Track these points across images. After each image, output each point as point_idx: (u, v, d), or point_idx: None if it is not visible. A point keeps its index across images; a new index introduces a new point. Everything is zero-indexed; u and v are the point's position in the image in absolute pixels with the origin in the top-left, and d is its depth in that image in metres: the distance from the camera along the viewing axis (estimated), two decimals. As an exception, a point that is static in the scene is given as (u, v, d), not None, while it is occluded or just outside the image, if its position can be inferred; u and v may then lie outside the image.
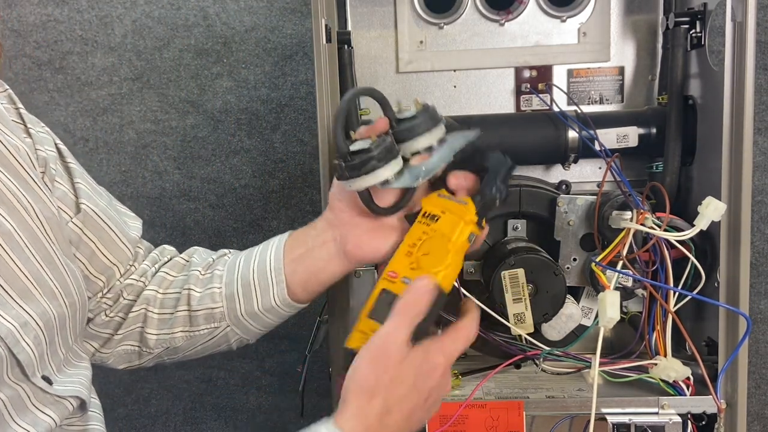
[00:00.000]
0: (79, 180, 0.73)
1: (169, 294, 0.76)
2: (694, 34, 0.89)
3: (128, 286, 0.76)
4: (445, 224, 0.66)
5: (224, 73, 1.31)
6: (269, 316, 0.75)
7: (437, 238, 0.66)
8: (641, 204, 0.80)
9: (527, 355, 0.86)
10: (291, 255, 0.72)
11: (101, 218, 0.73)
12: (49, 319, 0.61)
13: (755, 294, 1.32)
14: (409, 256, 0.66)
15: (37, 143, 0.69)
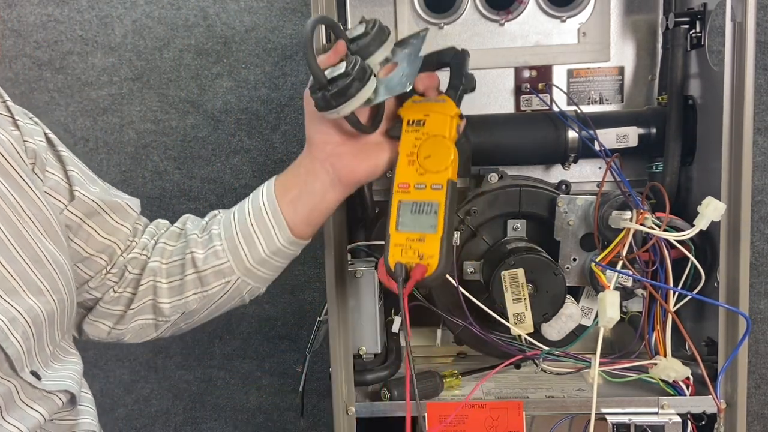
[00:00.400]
0: (72, 167, 0.74)
1: (173, 262, 0.77)
2: (694, 34, 0.89)
3: (132, 260, 0.78)
4: (434, 125, 0.70)
5: (224, 73, 1.31)
6: (277, 259, 0.76)
7: (432, 139, 0.70)
8: (641, 204, 0.80)
9: (527, 355, 0.86)
10: (286, 197, 0.74)
11: (96, 202, 0.74)
12: (36, 315, 0.61)
13: (755, 294, 1.32)
14: (412, 164, 0.70)
15: (26, 135, 0.69)
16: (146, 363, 1.45)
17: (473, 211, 0.90)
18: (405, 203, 0.69)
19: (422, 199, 0.69)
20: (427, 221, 0.68)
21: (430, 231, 0.67)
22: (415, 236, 0.68)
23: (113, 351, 1.44)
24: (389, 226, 0.69)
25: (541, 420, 0.90)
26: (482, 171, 0.94)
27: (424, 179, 0.69)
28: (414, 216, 0.68)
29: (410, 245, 0.68)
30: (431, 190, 0.69)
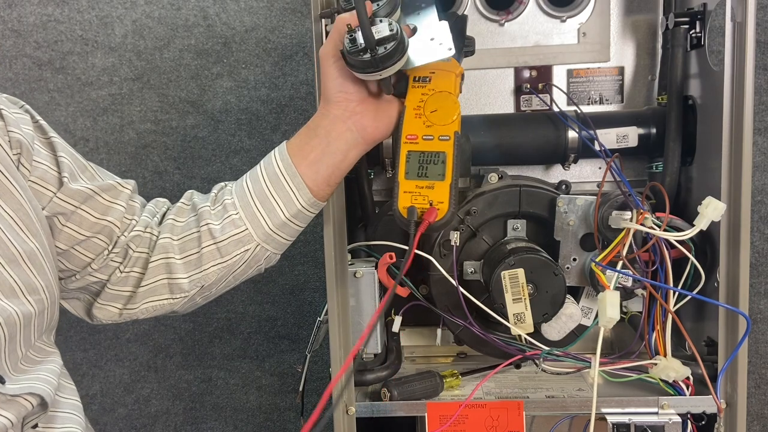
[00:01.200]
0: (63, 154, 0.73)
1: (186, 236, 0.77)
2: (694, 34, 0.89)
3: (135, 238, 0.77)
4: (440, 81, 0.74)
5: (224, 73, 1.31)
6: (296, 222, 0.77)
7: (438, 95, 0.74)
8: (641, 204, 0.80)
9: (527, 355, 0.86)
10: (306, 160, 0.75)
11: (87, 187, 0.74)
12: (9, 316, 0.60)
13: (755, 294, 1.32)
14: (419, 117, 0.74)
15: (10, 125, 0.68)
16: (146, 363, 1.45)
17: (473, 211, 0.90)
18: (413, 153, 0.73)
19: (430, 149, 0.72)
20: (436, 170, 0.72)
21: (439, 179, 0.71)
22: (425, 184, 0.71)
23: (113, 351, 1.44)
24: (398, 174, 0.72)
25: (541, 420, 0.90)
26: (482, 171, 0.94)
27: (431, 131, 0.73)
28: (422, 165, 0.72)
29: (420, 192, 0.71)
30: (439, 141, 0.72)
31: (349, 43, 0.68)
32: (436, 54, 0.71)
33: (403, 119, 0.74)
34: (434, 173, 0.71)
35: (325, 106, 0.74)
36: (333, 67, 0.72)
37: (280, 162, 0.75)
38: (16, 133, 0.68)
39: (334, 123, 0.74)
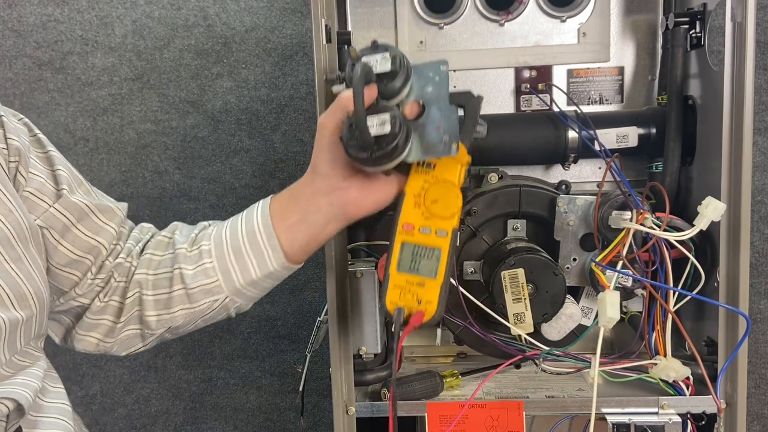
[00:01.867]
0: (60, 167, 0.73)
1: (160, 274, 0.76)
2: (694, 34, 0.89)
3: (117, 266, 0.76)
4: (444, 170, 0.70)
5: (224, 73, 1.31)
6: (268, 281, 0.76)
7: (441, 185, 0.70)
8: (641, 204, 0.80)
9: (527, 355, 0.86)
10: (285, 222, 0.73)
11: (84, 202, 0.73)
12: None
13: (755, 294, 1.32)
14: (419, 206, 0.70)
15: (10, 132, 0.67)
16: (146, 363, 1.45)
17: (473, 211, 0.90)
18: (407, 245, 0.69)
19: (426, 243, 0.69)
20: (429, 266, 0.69)
21: (430, 276, 0.68)
22: (415, 280, 0.69)
23: (113, 351, 1.44)
24: (390, 265, 0.70)
25: (541, 420, 0.90)
26: (482, 171, 0.94)
27: (429, 224, 0.69)
28: (416, 259, 0.69)
29: (409, 288, 0.69)
30: (435, 236, 0.69)
31: (348, 132, 0.65)
32: (441, 151, 0.66)
33: (402, 206, 0.71)
34: (427, 269, 0.69)
35: (310, 174, 0.72)
36: (327, 140, 0.68)
37: (260, 220, 0.74)
38: (15, 141, 0.68)
39: (315, 195, 0.71)
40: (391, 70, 0.66)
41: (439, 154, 0.66)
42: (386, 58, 0.66)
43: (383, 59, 0.66)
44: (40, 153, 0.73)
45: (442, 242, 0.69)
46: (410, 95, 0.68)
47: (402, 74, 0.66)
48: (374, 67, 0.66)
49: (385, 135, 0.63)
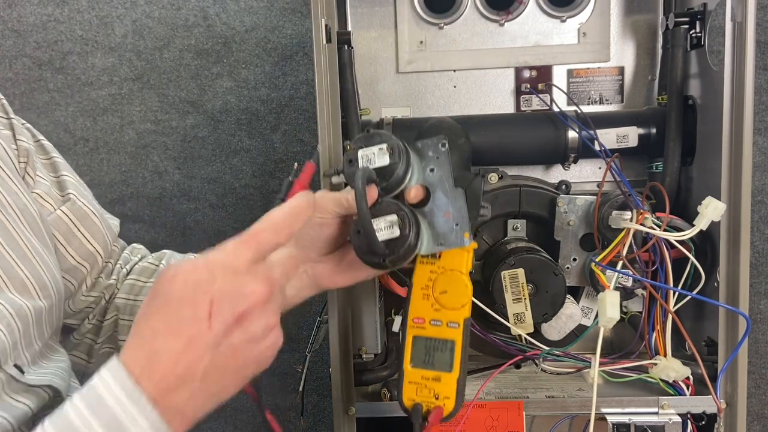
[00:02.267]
0: (65, 172, 0.74)
1: (140, 302, 0.77)
2: (694, 34, 0.89)
3: (108, 286, 0.77)
4: (450, 259, 0.68)
5: (224, 73, 1.31)
6: None
7: (449, 275, 0.68)
8: (641, 204, 0.80)
9: (527, 355, 0.86)
10: None
11: (88, 207, 0.74)
12: (21, 308, 0.60)
13: (755, 294, 1.32)
14: (427, 298, 0.68)
15: (19, 134, 0.69)
16: (146, 363, 1.45)
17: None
18: (419, 339, 0.68)
19: (438, 336, 0.68)
20: (443, 359, 0.67)
21: (446, 370, 0.67)
22: (431, 375, 0.67)
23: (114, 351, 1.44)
24: (404, 360, 0.68)
25: (541, 420, 0.90)
26: (482, 171, 0.94)
27: (440, 315, 0.68)
28: (429, 353, 0.68)
29: (425, 384, 0.67)
30: (447, 328, 0.68)
31: (356, 237, 0.63)
32: (453, 242, 0.65)
33: (410, 299, 0.69)
34: (441, 362, 0.67)
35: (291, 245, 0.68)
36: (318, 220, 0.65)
37: None
38: (24, 143, 0.69)
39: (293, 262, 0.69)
40: (390, 163, 0.64)
41: (452, 245, 0.65)
42: (383, 151, 0.64)
43: (380, 152, 0.64)
44: (44, 159, 0.74)
45: (455, 334, 0.67)
46: (412, 179, 0.66)
47: (402, 164, 0.64)
48: (372, 161, 0.64)
49: (395, 238, 0.62)
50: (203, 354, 0.48)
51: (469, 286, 0.68)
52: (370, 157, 0.64)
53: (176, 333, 0.47)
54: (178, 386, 0.47)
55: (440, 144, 0.67)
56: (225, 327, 0.48)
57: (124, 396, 0.45)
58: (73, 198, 0.72)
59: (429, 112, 1.01)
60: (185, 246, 1.35)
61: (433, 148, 0.67)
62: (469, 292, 0.68)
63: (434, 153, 0.67)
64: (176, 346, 0.47)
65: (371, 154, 0.64)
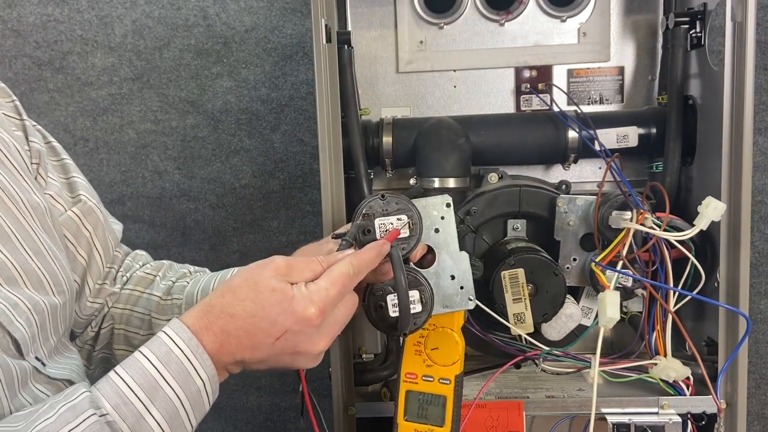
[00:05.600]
0: (75, 174, 0.75)
1: (135, 313, 0.78)
2: (694, 34, 0.89)
3: (113, 294, 0.78)
4: (442, 316, 0.69)
5: (224, 73, 1.31)
6: None
7: (440, 332, 0.70)
8: (641, 204, 0.80)
9: (527, 355, 0.86)
10: None
11: (98, 208, 0.75)
12: (37, 303, 0.61)
13: (755, 294, 1.32)
14: (419, 354, 0.71)
15: (31, 135, 0.70)
16: (146, 363, 1.45)
17: (473, 211, 0.90)
18: (412, 393, 0.71)
19: (430, 391, 0.71)
20: (435, 413, 0.71)
21: (438, 424, 0.70)
22: (424, 429, 0.71)
23: (113, 351, 1.44)
24: (397, 414, 0.71)
25: (541, 420, 0.90)
26: (482, 171, 0.94)
27: (432, 372, 0.71)
28: (423, 406, 0.71)
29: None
30: (439, 384, 0.71)
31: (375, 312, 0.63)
32: (458, 304, 0.67)
33: (403, 354, 0.71)
34: (434, 416, 0.70)
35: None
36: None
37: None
38: (36, 144, 0.70)
39: None
40: (409, 236, 0.64)
41: (456, 308, 0.67)
42: (402, 222, 0.64)
43: (399, 223, 0.64)
44: (55, 161, 0.75)
45: (446, 390, 0.70)
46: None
47: (417, 235, 0.64)
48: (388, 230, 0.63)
49: (417, 313, 0.64)
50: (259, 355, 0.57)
51: (459, 345, 0.70)
52: (387, 228, 0.64)
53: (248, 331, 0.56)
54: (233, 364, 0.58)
55: (445, 204, 0.67)
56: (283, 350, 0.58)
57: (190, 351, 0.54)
58: (83, 199, 0.73)
59: (429, 112, 1.01)
60: (185, 246, 1.35)
61: (438, 207, 0.68)
62: (460, 350, 0.70)
63: (438, 213, 0.67)
64: (244, 340, 0.56)
65: (389, 224, 0.64)
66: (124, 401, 0.51)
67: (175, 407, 0.53)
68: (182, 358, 0.53)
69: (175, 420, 0.53)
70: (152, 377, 0.52)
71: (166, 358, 0.53)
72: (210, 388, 0.55)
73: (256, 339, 0.56)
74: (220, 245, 1.36)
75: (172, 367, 0.53)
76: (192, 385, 0.54)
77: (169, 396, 0.52)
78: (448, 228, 0.67)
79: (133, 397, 0.51)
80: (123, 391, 0.51)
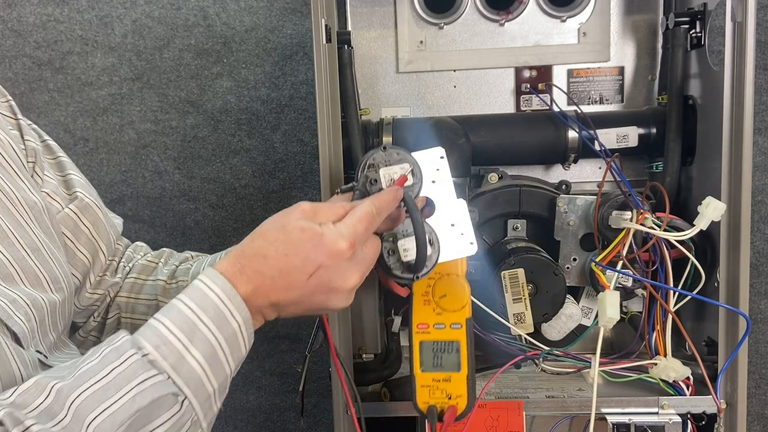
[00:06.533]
0: (71, 171, 0.75)
1: (141, 300, 0.78)
2: (694, 34, 0.89)
3: (114, 285, 0.78)
4: (446, 264, 0.69)
5: (224, 73, 1.31)
6: None
7: (446, 279, 0.71)
8: (641, 204, 0.80)
9: (527, 355, 0.86)
10: None
11: (96, 204, 0.75)
12: (36, 299, 0.61)
13: (755, 294, 1.32)
14: (428, 304, 0.71)
15: (26, 134, 0.70)
16: (146, 363, 1.45)
17: (473, 211, 0.90)
18: (426, 343, 0.71)
19: (443, 339, 0.71)
20: (451, 360, 0.71)
21: (454, 370, 0.71)
22: (441, 376, 0.71)
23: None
24: (413, 366, 0.72)
25: (541, 420, 0.90)
26: (482, 171, 0.94)
27: (442, 319, 0.71)
28: (437, 355, 0.71)
29: (437, 386, 0.71)
30: (451, 330, 0.71)
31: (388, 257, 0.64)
32: (461, 250, 0.68)
33: (412, 306, 0.72)
34: (449, 363, 0.71)
35: None
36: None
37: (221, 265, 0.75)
38: (32, 143, 0.70)
39: None
40: (412, 183, 0.66)
41: (459, 255, 0.67)
42: (405, 170, 0.66)
43: (402, 171, 0.66)
44: (51, 159, 0.75)
45: (459, 335, 0.71)
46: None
47: (420, 183, 0.66)
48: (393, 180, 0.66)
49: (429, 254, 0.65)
50: (293, 295, 0.58)
51: (466, 288, 0.70)
52: (392, 177, 0.66)
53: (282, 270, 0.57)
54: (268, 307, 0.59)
55: (439, 156, 0.69)
56: (317, 288, 0.58)
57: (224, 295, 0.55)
58: (80, 196, 0.73)
59: (429, 112, 1.01)
60: (185, 246, 1.35)
61: (433, 158, 0.69)
62: (467, 293, 0.70)
63: (433, 164, 0.68)
64: (278, 280, 0.57)
65: (393, 173, 0.66)
66: (164, 341, 0.52)
67: (213, 348, 0.54)
68: (217, 301, 0.55)
69: (214, 360, 0.54)
70: (190, 319, 0.54)
71: (202, 302, 0.55)
72: (245, 332, 0.57)
73: (290, 278, 0.57)
74: (220, 245, 1.36)
75: (208, 310, 0.54)
76: (228, 327, 0.55)
77: (207, 337, 0.54)
78: (444, 178, 0.68)
79: (172, 338, 0.53)
80: (162, 333, 0.53)
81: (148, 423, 0.51)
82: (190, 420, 0.54)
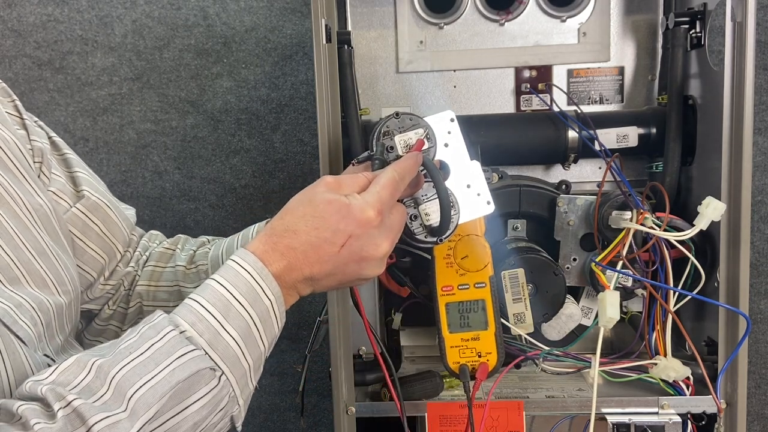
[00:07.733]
0: (78, 168, 0.75)
1: (162, 287, 0.78)
2: (694, 34, 0.89)
3: (127, 274, 0.78)
4: (465, 225, 0.70)
5: (224, 73, 1.31)
6: None
7: (466, 240, 0.72)
8: (641, 204, 0.80)
9: (527, 355, 0.86)
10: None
11: (103, 201, 0.75)
12: (42, 302, 0.61)
13: (755, 294, 1.32)
14: (451, 266, 0.73)
15: (32, 134, 0.70)
16: (146, 363, 1.45)
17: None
18: (452, 305, 0.73)
19: (468, 299, 0.73)
20: (478, 319, 0.73)
21: (482, 328, 0.73)
22: (470, 335, 0.73)
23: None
24: (441, 329, 0.73)
25: (541, 420, 0.90)
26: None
27: (466, 279, 0.73)
28: (464, 316, 0.73)
29: (466, 345, 0.73)
30: (475, 289, 0.73)
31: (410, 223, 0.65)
32: (479, 210, 0.68)
33: (435, 269, 0.73)
34: (477, 323, 0.72)
35: None
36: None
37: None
38: (38, 143, 0.70)
39: None
40: (428, 147, 0.67)
41: (480, 213, 0.68)
42: (419, 134, 0.67)
43: (417, 137, 0.67)
44: (57, 156, 0.75)
45: (484, 293, 0.73)
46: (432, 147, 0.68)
47: (434, 145, 0.67)
48: (410, 146, 0.67)
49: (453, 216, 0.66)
50: (326, 268, 0.59)
51: (486, 247, 0.72)
52: (408, 143, 0.67)
53: (313, 244, 0.58)
54: (302, 282, 0.59)
55: (449, 119, 0.70)
56: (350, 258, 0.59)
57: (256, 273, 0.57)
58: (87, 194, 0.73)
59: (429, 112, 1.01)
60: (185, 246, 1.35)
61: (444, 122, 0.70)
62: (488, 252, 0.72)
63: (445, 127, 0.69)
64: (311, 254, 0.58)
65: (408, 139, 0.67)
66: (199, 318, 0.54)
67: (247, 324, 0.56)
68: (249, 279, 0.56)
69: (248, 337, 0.56)
70: (224, 297, 0.55)
71: (235, 280, 0.56)
72: (278, 310, 0.58)
73: (321, 251, 0.58)
74: (220, 245, 1.36)
75: (241, 287, 0.56)
76: (261, 304, 0.56)
77: (241, 314, 0.55)
78: (457, 141, 0.69)
79: (207, 315, 0.54)
80: (198, 310, 0.54)
81: (187, 397, 0.52)
82: (228, 396, 0.55)
